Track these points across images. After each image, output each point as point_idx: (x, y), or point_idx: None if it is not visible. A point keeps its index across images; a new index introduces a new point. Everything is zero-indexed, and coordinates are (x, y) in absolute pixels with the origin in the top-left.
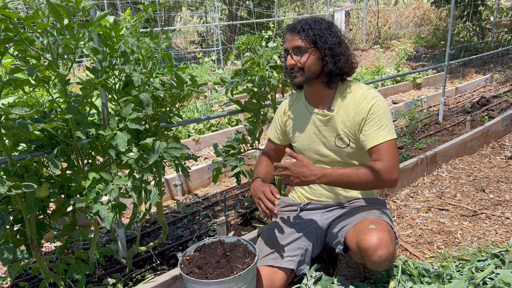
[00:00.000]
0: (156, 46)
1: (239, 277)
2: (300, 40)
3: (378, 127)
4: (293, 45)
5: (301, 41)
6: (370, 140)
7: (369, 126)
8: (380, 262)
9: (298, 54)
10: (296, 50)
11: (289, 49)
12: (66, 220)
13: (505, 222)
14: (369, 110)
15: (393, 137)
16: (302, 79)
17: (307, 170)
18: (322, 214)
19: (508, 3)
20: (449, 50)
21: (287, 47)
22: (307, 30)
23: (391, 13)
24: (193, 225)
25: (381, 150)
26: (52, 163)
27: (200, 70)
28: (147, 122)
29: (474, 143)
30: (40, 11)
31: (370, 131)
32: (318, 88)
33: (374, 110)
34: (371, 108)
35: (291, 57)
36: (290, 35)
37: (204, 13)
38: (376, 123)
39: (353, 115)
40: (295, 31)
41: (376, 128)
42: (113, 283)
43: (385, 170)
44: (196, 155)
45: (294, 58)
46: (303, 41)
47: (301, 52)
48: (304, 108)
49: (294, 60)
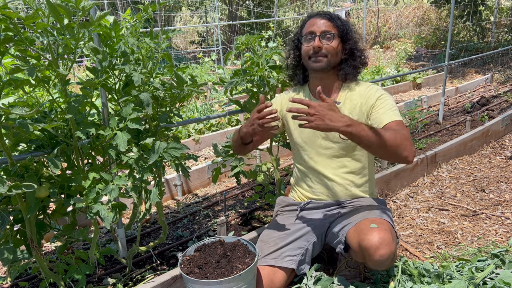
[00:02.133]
0: (156, 46)
1: (239, 277)
2: (331, 26)
3: (388, 109)
4: (323, 28)
5: (331, 27)
6: (382, 119)
7: (378, 109)
8: (382, 262)
9: (327, 39)
10: (325, 34)
11: (317, 32)
12: (66, 220)
13: (505, 222)
14: (378, 97)
15: (402, 119)
16: (324, 65)
17: (335, 114)
18: (322, 213)
19: (508, 3)
20: (449, 50)
21: (314, 30)
22: (336, 20)
23: (391, 13)
24: (193, 225)
25: (396, 128)
26: (52, 163)
27: (200, 70)
28: (147, 122)
29: (474, 143)
30: (40, 11)
31: (380, 112)
32: (330, 80)
33: (382, 98)
34: (379, 96)
35: (319, 40)
36: (319, 19)
37: (204, 13)
38: (385, 106)
39: (359, 104)
40: (325, 16)
41: (386, 109)
42: (113, 283)
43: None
44: (196, 155)
45: (324, 42)
46: (333, 28)
47: (330, 37)
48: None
49: (322, 44)
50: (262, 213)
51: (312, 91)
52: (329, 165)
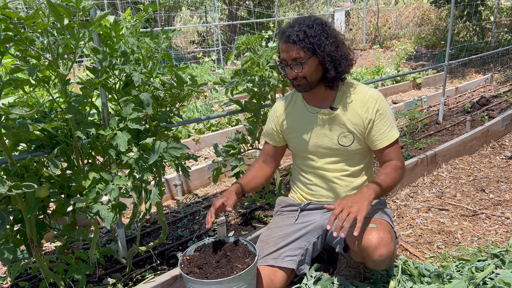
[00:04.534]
0: (156, 46)
1: (239, 277)
2: (298, 51)
3: (386, 127)
4: (291, 57)
5: (299, 52)
6: (380, 141)
7: (378, 126)
8: (380, 261)
9: (298, 66)
10: (296, 63)
11: (288, 61)
12: (66, 220)
13: (505, 222)
14: (376, 111)
15: (398, 135)
16: (306, 87)
17: (356, 196)
18: (322, 214)
19: (508, 3)
20: (449, 50)
21: (285, 58)
22: (303, 40)
23: (391, 13)
24: (193, 225)
25: (392, 150)
26: (52, 163)
27: (200, 70)
28: (147, 122)
29: (474, 143)
30: (41, 11)
31: (379, 132)
32: (320, 90)
33: (382, 113)
34: (378, 110)
35: (291, 69)
36: (285, 45)
37: (204, 13)
38: (384, 124)
39: (359, 114)
40: (290, 41)
41: (385, 129)
42: (113, 283)
43: (402, 167)
44: (196, 155)
45: (295, 69)
46: (301, 52)
47: (301, 64)
48: (303, 109)
49: (295, 72)
50: (262, 213)
51: (306, 99)
52: (329, 168)
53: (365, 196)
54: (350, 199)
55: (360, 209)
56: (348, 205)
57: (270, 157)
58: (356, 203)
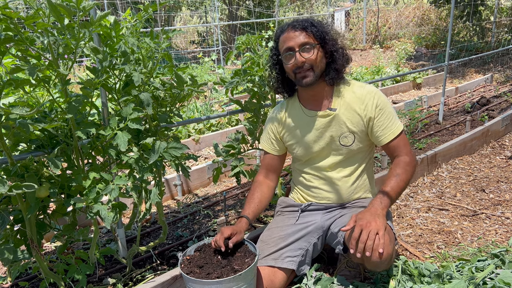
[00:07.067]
0: (156, 46)
1: (239, 276)
2: (307, 36)
3: (388, 120)
4: (300, 41)
5: (308, 37)
6: (385, 135)
7: (380, 122)
8: (379, 263)
9: (308, 50)
10: (304, 47)
11: (296, 47)
12: (66, 220)
13: (505, 222)
14: (376, 107)
15: (402, 127)
16: (312, 79)
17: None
18: (323, 214)
19: (508, 3)
20: (449, 50)
21: (292, 45)
22: (311, 27)
23: (391, 13)
24: (193, 225)
25: (399, 143)
26: (52, 163)
27: (200, 70)
28: (147, 122)
29: (474, 143)
30: (41, 11)
31: (382, 127)
32: (320, 88)
33: (381, 108)
34: (377, 106)
35: (300, 54)
36: (293, 32)
37: (204, 13)
38: (386, 118)
39: (358, 111)
40: (298, 28)
41: (387, 123)
42: (113, 283)
43: (412, 160)
44: (196, 155)
45: (305, 55)
46: (310, 37)
47: (310, 48)
48: (301, 114)
49: (304, 58)
50: (263, 213)
51: (303, 103)
52: (330, 169)
53: (378, 214)
54: (365, 218)
55: (378, 227)
56: (365, 225)
57: (272, 167)
58: (373, 220)
